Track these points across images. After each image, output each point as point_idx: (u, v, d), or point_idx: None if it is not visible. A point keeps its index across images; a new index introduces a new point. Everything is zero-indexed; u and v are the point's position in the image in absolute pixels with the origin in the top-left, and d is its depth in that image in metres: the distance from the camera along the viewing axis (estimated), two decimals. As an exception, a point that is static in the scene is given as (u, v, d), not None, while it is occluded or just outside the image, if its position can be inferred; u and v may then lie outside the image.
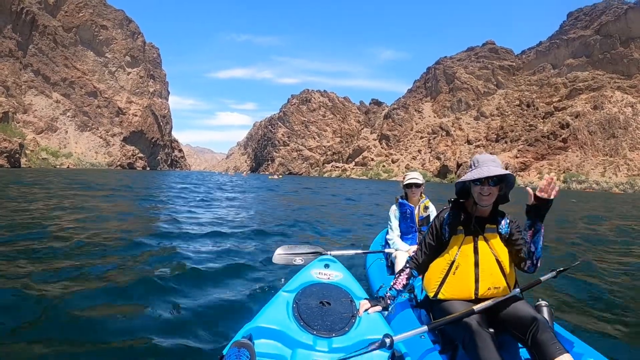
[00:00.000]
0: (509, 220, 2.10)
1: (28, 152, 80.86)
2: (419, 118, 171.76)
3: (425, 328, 1.87)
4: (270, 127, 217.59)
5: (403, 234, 3.77)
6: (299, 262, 3.15)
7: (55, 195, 13.25)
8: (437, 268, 2.10)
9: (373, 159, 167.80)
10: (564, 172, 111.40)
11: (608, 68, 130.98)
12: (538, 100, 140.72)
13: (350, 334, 1.92)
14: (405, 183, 3.75)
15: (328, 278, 2.36)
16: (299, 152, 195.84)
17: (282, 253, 3.26)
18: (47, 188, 16.83)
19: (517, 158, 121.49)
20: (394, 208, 3.84)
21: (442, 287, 2.05)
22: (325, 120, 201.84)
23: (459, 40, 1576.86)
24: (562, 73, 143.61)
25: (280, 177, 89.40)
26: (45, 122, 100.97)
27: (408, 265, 2.23)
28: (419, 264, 2.20)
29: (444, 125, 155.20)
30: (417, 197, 3.75)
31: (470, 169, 2.07)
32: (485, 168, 1.97)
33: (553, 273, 2.08)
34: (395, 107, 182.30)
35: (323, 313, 2.03)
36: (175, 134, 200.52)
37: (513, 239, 2.04)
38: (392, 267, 3.62)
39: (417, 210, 3.73)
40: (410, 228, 3.75)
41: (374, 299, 2.16)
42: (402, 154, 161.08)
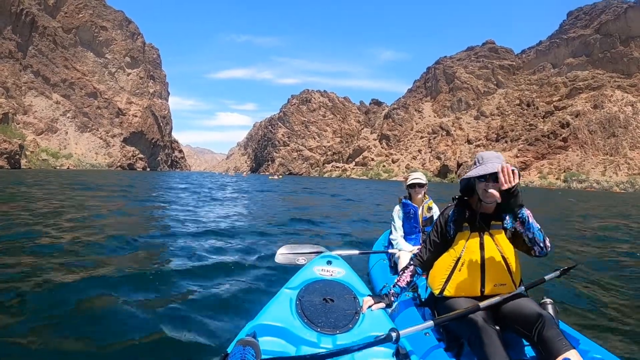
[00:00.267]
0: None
1: (28, 153, 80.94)
2: (419, 118, 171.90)
3: (431, 323, 1.87)
4: (270, 127, 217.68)
5: (406, 234, 3.75)
6: (302, 261, 3.10)
7: (56, 196, 13.24)
8: (442, 265, 2.10)
9: (373, 159, 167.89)
10: (565, 171, 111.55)
11: (608, 67, 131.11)
12: (538, 100, 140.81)
13: (355, 331, 1.90)
14: (409, 183, 3.74)
15: (331, 275, 2.33)
16: (299, 152, 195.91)
17: (284, 253, 3.23)
18: (47, 189, 16.82)
19: (517, 157, 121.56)
20: (398, 208, 3.82)
21: (447, 284, 2.04)
22: (326, 121, 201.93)
23: (459, 40, 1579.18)
24: (562, 72, 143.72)
25: (281, 177, 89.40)
26: (45, 123, 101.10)
27: (412, 263, 2.22)
28: (424, 261, 2.19)
29: (444, 125, 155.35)
30: (420, 197, 3.74)
31: (475, 166, 2.07)
32: (490, 164, 1.97)
33: (557, 272, 2.08)
34: (395, 107, 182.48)
35: (326, 310, 2.01)
36: (176, 135, 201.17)
37: (518, 232, 2.03)
38: (395, 267, 3.59)
39: (420, 211, 3.72)
40: (414, 228, 3.73)
41: (378, 296, 2.16)
42: (402, 154, 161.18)
